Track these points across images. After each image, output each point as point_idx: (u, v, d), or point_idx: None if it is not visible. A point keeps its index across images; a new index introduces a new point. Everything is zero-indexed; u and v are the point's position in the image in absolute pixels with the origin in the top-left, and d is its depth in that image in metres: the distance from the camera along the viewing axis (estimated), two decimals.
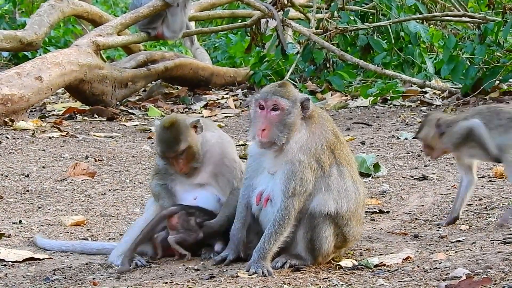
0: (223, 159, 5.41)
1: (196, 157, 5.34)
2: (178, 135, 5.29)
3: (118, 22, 12.50)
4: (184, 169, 5.33)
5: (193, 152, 5.32)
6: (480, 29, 11.63)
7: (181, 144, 5.28)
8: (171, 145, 5.29)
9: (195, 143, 5.33)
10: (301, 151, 4.91)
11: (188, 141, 5.30)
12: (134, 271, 5.12)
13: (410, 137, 9.49)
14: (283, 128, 4.89)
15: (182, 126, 5.32)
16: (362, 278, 4.75)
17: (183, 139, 5.29)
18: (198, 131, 5.38)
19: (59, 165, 8.72)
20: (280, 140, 4.88)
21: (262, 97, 4.92)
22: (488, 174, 7.37)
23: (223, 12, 15.57)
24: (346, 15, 13.46)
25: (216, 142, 5.45)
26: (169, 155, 5.32)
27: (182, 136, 5.29)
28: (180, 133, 5.29)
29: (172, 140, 5.29)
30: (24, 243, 5.91)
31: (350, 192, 5.01)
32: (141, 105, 12.99)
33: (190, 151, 5.31)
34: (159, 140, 5.34)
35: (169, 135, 5.30)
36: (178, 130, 5.30)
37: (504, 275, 4.41)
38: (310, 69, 13.73)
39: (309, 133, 4.96)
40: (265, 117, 4.89)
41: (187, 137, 5.30)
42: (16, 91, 10.67)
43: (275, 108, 4.89)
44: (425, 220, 6.11)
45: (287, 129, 4.90)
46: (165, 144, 5.31)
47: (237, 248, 5.09)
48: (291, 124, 4.90)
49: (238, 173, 5.37)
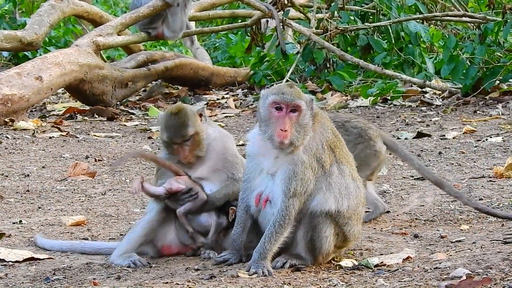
0: (225, 154, 5.45)
1: (201, 145, 5.38)
2: (186, 120, 5.34)
3: (118, 22, 12.50)
4: (189, 157, 5.37)
5: (199, 139, 5.37)
6: (480, 29, 11.63)
7: (189, 129, 5.33)
8: (178, 130, 5.33)
9: (201, 130, 5.38)
10: (304, 151, 4.92)
11: (195, 127, 5.35)
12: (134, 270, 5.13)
13: (410, 137, 9.50)
14: (300, 129, 4.91)
15: (189, 113, 5.38)
16: (362, 278, 4.75)
17: (190, 124, 5.34)
18: (203, 119, 5.44)
19: (59, 165, 8.72)
20: (299, 140, 4.90)
21: (282, 99, 4.90)
22: (488, 174, 7.38)
23: (223, 12, 15.57)
24: (346, 15, 13.46)
25: (217, 137, 5.49)
26: (176, 141, 5.35)
27: (189, 121, 5.34)
28: (188, 119, 5.35)
29: (179, 125, 5.33)
30: (24, 243, 5.91)
31: (350, 190, 5.02)
32: (141, 105, 12.99)
33: (196, 138, 5.35)
34: (166, 126, 5.37)
35: (177, 121, 5.35)
36: (186, 115, 5.35)
37: (504, 275, 4.41)
38: (310, 69, 13.73)
39: (312, 133, 4.97)
40: (284, 118, 4.90)
41: (194, 122, 5.36)
42: (16, 91, 10.68)
43: (294, 109, 4.90)
44: (425, 220, 6.11)
45: (303, 129, 4.91)
46: (172, 130, 5.35)
47: (238, 252, 5.09)
48: (306, 125, 4.93)
49: (240, 168, 5.40)
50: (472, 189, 6.85)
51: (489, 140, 8.99)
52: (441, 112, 11.05)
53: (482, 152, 8.46)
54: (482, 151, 8.50)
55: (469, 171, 7.61)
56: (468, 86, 11.43)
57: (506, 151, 8.42)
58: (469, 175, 7.44)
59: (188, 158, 5.38)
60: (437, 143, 9.05)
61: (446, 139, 9.27)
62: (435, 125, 10.25)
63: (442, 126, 10.07)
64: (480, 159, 8.13)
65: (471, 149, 8.60)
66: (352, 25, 13.27)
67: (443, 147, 8.82)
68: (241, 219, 5.10)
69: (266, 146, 4.97)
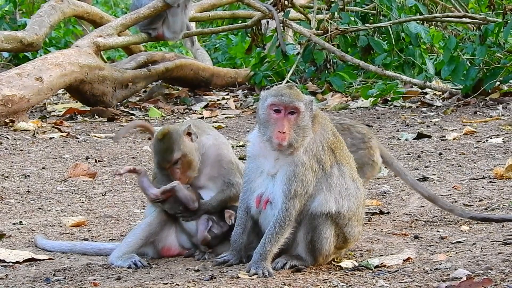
0: (220, 162, 5.42)
1: (192, 165, 5.34)
2: (171, 145, 5.30)
3: (119, 23, 12.51)
4: (183, 179, 5.34)
5: (189, 161, 5.33)
6: (481, 30, 11.63)
7: (174, 154, 5.29)
8: (165, 156, 5.33)
9: (189, 151, 5.33)
10: (305, 153, 4.92)
11: (181, 150, 5.30)
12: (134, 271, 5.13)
13: (410, 138, 9.50)
14: (299, 131, 4.90)
15: (175, 136, 5.33)
16: (362, 279, 4.75)
17: (176, 148, 5.30)
18: (193, 138, 5.38)
19: (59, 165, 8.72)
20: (297, 142, 4.89)
21: (280, 101, 4.90)
22: (489, 175, 7.37)
23: (224, 13, 15.57)
24: (347, 16, 13.47)
25: (212, 145, 5.44)
26: (164, 165, 5.35)
27: (175, 145, 5.30)
28: (173, 143, 5.30)
29: (165, 150, 5.32)
30: (25, 244, 5.91)
31: (351, 191, 5.02)
32: (142, 105, 12.99)
33: (185, 160, 5.32)
34: (154, 151, 5.40)
35: (162, 146, 5.33)
36: (170, 140, 5.32)
37: (504, 276, 4.41)
38: (310, 70, 13.73)
39: (312, 134, 4.96)
40: (283, 120, 4.90)
41: (180, 145, 5.31)
42: (17, 91, 10.68)
43: (293, 111, 4.90)
44: (425, 221, 6.11)
45: (302, 131, 4.91)
46: (159, 155, 5.35)
47: (238, 253, 5.09)
48: (305, 126, 4.92)
49: (237, 173, 5.38)
50: (472, 190, 6.85)
51: (489, 141, 8.99)
52: (442, 113, 11.05)
53: (482, 153, 8.46)
54: (482, 152, 8.50)
55: (469, 172, 7.61)
56: (468, 87, 11.44)
57: (506, 152, 8.42)
58: (469, 176, 7.44)
59: (182, 180, 5.36)
60: (437, 144, 9.05)
61: (447, 140, 9.27)
62: (435, 126, 10.25)
63: (443, 127, 10.07)
64: (480, 160, 8.13)
65: (472, 150, 8.60)
66: (353, 26, 13.28)
67: (444, 148, 8.82)
68: (242, 220, 5.10)
69: (266, 147, 4.96)
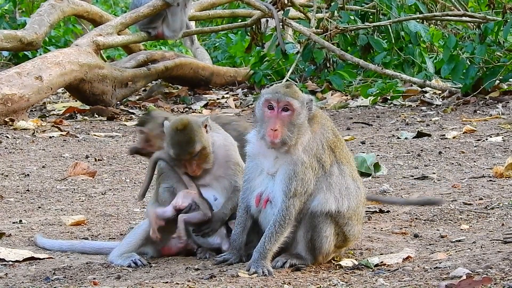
0: (228, 162, 5.39)
1: (208, 158, 5.32)
2: (193, 136, 5.24)
3: (118, 22, 12.50)
4: (197, 171, 5.31)
5: (207, 153, 5.30)
6: (480, 28, 11.63)
7: (196, 146, 5.24)
8: (186, 148, 5.24)
9: (208, 144, 5.30)
10: (304, 152, 4.91)
11: (202, 142, 5.26)
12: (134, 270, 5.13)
13: (410, 136, 9.49)
14: (293, 129, 4.88)
15: (195, 127, 5.28)
16: (362, 277, 4.75)
17: (197, 140, 5.25)
18: (208, 130, 5.36)
19: (59, 164, 8.72)
20: (291, 140, 4.87)
21: (273, 98, 4.90)
22: (488, 173, 7.37)
23: (223, 11, 15.56)
24: (346, 14, 13.47)
25: (221, 144, 5.42)
26: (184, 157, 5.27)
27: (196, 137, 5.25)
28: (195, 135, 5.25)
29: (187, 142, 5.24)
30: (24, 243, 5.91)
31: (351, 190, 5.01)
32: (141, 104, 12.99)
33: (204, 152, 5.28)
34: (172, 143, 5.28)
35: (183, 137, 5.25)
36: (192, 131, 5.25)
37: (504, 275, 4.41)
38: (310, 69, 13.73)
39: (311, 133, 4.96)
40: (276, 117, 4.89)
41: (201, 138, 5.27)
42: (16, 90, 10.68)
43: (286, 108, 4.89)
44: (425, 219, 6.11)
45: (297, 129, 4.89)
46: (179, 147, 5.25)
47: (238, 253, 5.09)
48: (301, 125, 4.90)
49: (240, 175, 5.36)
50: (472, 189, 6.85)
51: (489, 139, 8.99)
52: (441, 111, 11.05)
53: (482, 151, 8.46)
54: (482, 150, 8.50)
55: (469, 171, 7.61)
56: (468, 86, 11.43)
57: (506, 150, 8.42)
58: (469, 174, 7.44)
59: (196, 172, 5.31)
60: (437, 143, 9.05)
61: (446, 138, 9.27)
62: (435, 124, 10.25)
63: (442, 126, 10.07)
64: (480, 159, 8.13)
65: (471, 149, 8.60)
66: (352, 25, 13.28)
67: (443, 146, 8.82)
68: (241, 219, 5.10)
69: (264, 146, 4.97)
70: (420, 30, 13.04)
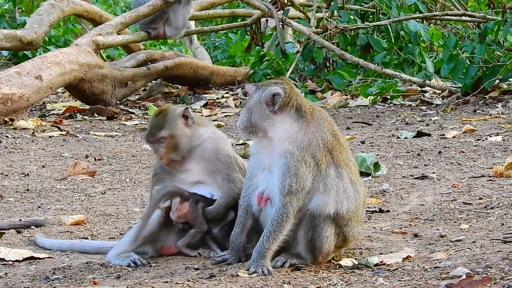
0: (217, 155, 5.40)
1: (178, 149, 5.35)
2: (162, 122, 5.36)
3: (118, 21, 12.50)
4: (164, 159, 5.36)
5: (175, 143, 5.34)
6: (480, 28, 11.63)
7: (161, 132, 5.34)
8: (152, 131, 5.38)
9: (178, 134, 5.35)
10: (290, 143, 4.90)
11: (171, 130, 5.34)
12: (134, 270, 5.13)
13: (410, 136, 9.50)
14: (246, 113, 5.04)
15: (170, 115, 5.38)
16: (362, 277, 4.75)
17: (166, 127, 5.35)
18: (189, 122, 5.39)
19: (59, 164, 8.72)
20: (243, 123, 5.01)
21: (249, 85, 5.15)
22: (488, 173, 7.38)
23: (223, 11, 15.57)
24: (346, 14, 13.47)
25: (208, 137, 5.43)
26: (148, 140, 5.40)
27: (166, 124, 5.35)
28: (165, 121, 5.36)
29: (154, 126, 5.38)
30: (24, 242, 5.91)
31: (349, 193, 5.00)
32: (141, 104, 12.99)
33: (171, 141, 5.33)
34: (147, 126, 5.48)
35: (154, 121, 5.40)
36: (164, 117, 5.38)
37: (504, 274, 4.41)
38: (310, 68, 13.73)
39: (300, 128, 4.94)
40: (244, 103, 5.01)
41: (171, 125, 5.35)
42: (16, 90, 10.67)
43: (245, 93, 5.02)
44: (425, 219, 6.11)
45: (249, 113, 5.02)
46: (148, 129, 5.43)
47: (237, 253, 5.09)
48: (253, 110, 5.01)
49: (236, 167, 5.37)
50: (472, 189, 6.85)
51: (489, 139, 8.99)
52: (441, 111, 11.05)
53: (482, 151, 8.46)
54: (482, 150, 8.50)
55: (469, 171, 7.61)
56: (468, 85, 11.44)
57: (506, 150, 8.43)
58: (469, 174, 7.44)
59: (163, 160, 5.37)
60: (437, 142, 9.05)
61: (446, 138, 9.27)
62: (435, 124, 10.25)
63: (442, 125, 10.08)
64: (480, 159, 8.13)
65: (471, 149, 8.60)
66: (352, 24, 13.28)
67: (443, 146, 8.82)
68: (241, 219, 5.10)
69: (264, 143, 4.98)
70: (420, 29, 13.05)
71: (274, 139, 4.94)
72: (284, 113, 4.97)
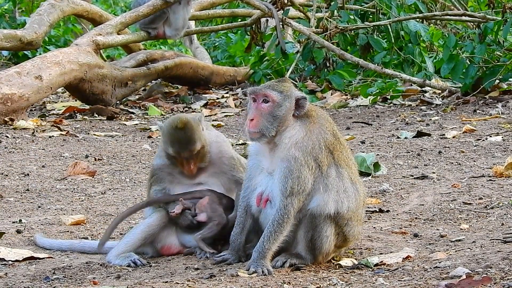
0: (221, 158, 5.42)
1: (205, 157, 5.35)
2: (193, 135, 5.27)
3: (118, 21, 12.50)
4: (194, 169, 5.33)
5: (205, 152, 5.34)
6: (480, 28, 11.63)
7: (196, 144, 5.27)
8: (187, 146, 5.26)
9: (206, 142, 5.34)
10: (296, 148, 4.90)
11: (201, 140, 5.30)
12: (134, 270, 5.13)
13: (410, 136, 9.50)
14: (273, 120, 4.89)
15: (195, 125, 5.30)
16: (362, 277, 4.75)
17: (197, 138, 5.28)
18: (204, 128, 5.39)
19: (59, 164, 8.72)
20: (269, 131, 4.89)
21: (255, 90, 4.95)
22: (488, 173, 7.37)
23: (223, 11, 15.56)
24: (346, 14, 13.47)
25: (213, 141, 5.45)
26: (184, 155, 5.28)
27: (196, 135, 5.28)
28: (194, 133, 5.28)
29: (188, 140, 5.26)
30: (24, 242, 5.91)
31: (349, 193, 5.00)
32: (141, 104, 12.99)
33: (202, 151, 5.32)
34: (172, 141, 5.28)
35: (184, 136, 5.26)
36: (192, 130, 5.28)
37: (504, 274, 4.41)
38: (310, 68, 13.73)
39: (306, 132, 4.95)
40: (255, 108, 4.91)
41: (200, 136, 5.30)
42: (16, 90, 10.67)
43: (266, 100, 4.91)
44: (425, 219, 6.11)
45: (277, 121, 4.90)
46: (180, 145, 5.26)
47: (237, 253, 5.09)
48: (281, 117, 4.91)
49: (240, 168, 5.38)
50: (471, 188, 6.85)
51: (489, 139, 8.99)
52: (441, 111, 11.05)
53: (482, 151, 8.46)
54: (482, 150, 8.50)
55: (469, 170, 7.61)
56: (468, 85, 11.44)
57: (506, 150, 8.42)
58: (469, 174, 7.44)
59: (193, 170, 5.34)
60: (437, 142, 9.05)
61: (446, 138, 9.27)
62: (435, 124, 10.25)
63: (442, 125, 10.08)
64: (480, 158, 8.13)
65: (471, 148, 8.60)
66: (352, 24, 13.28)
67: (443, 146, 8.82)
68: (241, 219, 5.10)
69: (266, 146, 4.97)
70: (420, 29, 13.05)
71: (280, 145, 4.92)
72: (298, 117, 4.97)
